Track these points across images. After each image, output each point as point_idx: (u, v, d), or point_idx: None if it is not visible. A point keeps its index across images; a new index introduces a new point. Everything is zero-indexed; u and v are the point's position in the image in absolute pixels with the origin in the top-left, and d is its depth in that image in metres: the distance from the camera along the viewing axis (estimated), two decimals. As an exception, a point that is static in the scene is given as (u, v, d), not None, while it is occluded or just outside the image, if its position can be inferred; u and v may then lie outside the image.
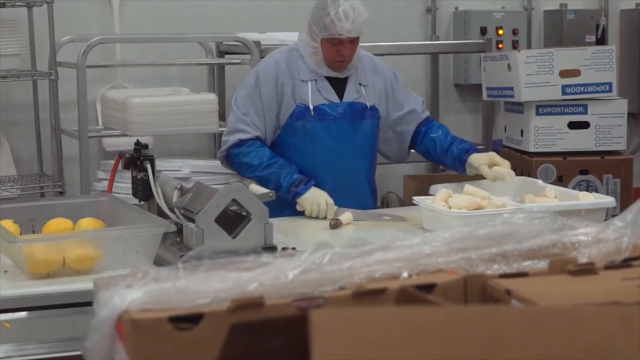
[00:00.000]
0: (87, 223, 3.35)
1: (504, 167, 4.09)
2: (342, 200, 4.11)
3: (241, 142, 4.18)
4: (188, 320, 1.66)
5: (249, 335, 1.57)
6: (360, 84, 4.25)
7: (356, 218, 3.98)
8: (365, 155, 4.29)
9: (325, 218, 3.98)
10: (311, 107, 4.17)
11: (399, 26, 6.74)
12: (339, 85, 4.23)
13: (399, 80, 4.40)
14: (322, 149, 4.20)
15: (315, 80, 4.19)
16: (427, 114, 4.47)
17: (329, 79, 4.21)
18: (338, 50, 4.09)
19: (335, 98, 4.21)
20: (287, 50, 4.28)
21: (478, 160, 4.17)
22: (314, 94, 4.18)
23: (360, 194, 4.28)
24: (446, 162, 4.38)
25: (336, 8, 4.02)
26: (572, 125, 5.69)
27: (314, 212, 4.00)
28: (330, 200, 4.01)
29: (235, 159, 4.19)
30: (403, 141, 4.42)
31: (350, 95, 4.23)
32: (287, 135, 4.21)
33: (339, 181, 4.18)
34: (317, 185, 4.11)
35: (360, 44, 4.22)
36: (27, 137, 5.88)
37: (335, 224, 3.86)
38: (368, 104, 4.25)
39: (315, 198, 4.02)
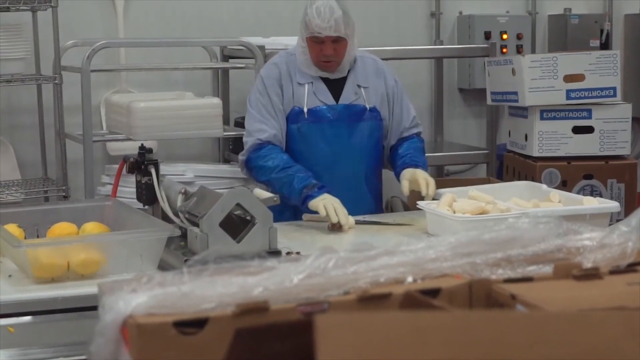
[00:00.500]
0: (91, 227, 3.36)
1: (422, 182, 4.03)
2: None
3: (260, 145, 4.16)
4: (193, 325, 1.66)
5: (253, 340, 1.57)
6: (359, 86, 4.25)
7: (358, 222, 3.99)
8: (364, 158, 4.26)
9: (338, 224, 3.89)
10: (305, 109, 4.18)
11: (403, 30, 6.74)
12: (336, 87, 4.23)
13: (399, 90, 4.36)
14: (317, 152, 4.20)
15: (312, 82, 4.20)
16: (415, 130, 4.38)
17: (326, 81, 4.21)
18: (321, 50, 4.11)
19: (330, 100, 4.21)
20: (285, 54, 4.31)
21: (404, 174, 4.12)
22: (310, 96, 4.19)
23: (359, 197, 4.23)
24: (397, 178, 4.28)
25: (312, 6, 4.08)
26: (577, 130, 5.68)
27: (330, 212, 3.87)
28: (343, 208, 3.94)
29: (254, 163, 4.17)
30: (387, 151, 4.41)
31: (347, 97, 4.23)
32: (285, 138, 4.22)
33: (335, 184, 4.15)
34: None
35: (364, 48, 4.21)
36: (31, 142, 5.88)
37: (334, 227, 3.85)
38: (368, 106, 4.24)
39: (328, 200, 3.94)
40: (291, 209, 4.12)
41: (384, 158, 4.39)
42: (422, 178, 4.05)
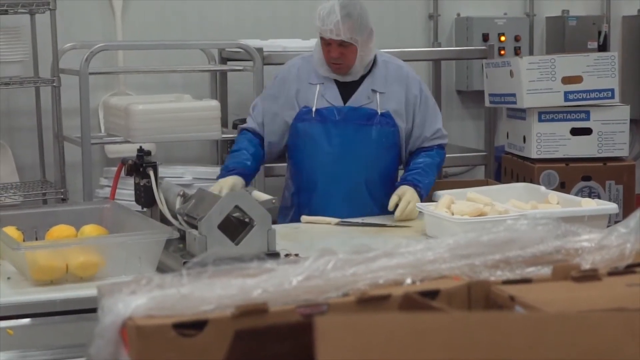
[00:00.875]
0: (90, 230, 3.36)
1: (402, 203, 4.03)
2: (338, 205, 4.12)
3: (241, 131, 4.36)
4: (192, 327, 1.66)
5: (253, 341, 1.57)
6: (374, 91, 4.20)
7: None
8: (367, 161, 4.22)
9: None
10: (313, 109, 4.18)
11: (401, 32, 6.74)
12: (350, 89, 4.21)
13: (424, 100, 4.28)
14: (321, 151, 4.19)
15: (323, 83, 4.19)
16: (438, 142, 4.31)
17: (339, 83, 4.20)
18: (328, 51, 4.10)
19: (339, 102, 4.19)
20: (307, 56, 4.31)
21: (398, 190, 4.11)
22: (319, 97, 4.19)
23: (358, 201, 4.20)
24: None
25: (319, 7, 4.09)
26: (575, 132, 5.69)
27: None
28: (226, 187, 3.94)
29: None
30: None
31: (357, 100, 4.19)
32: (293, 137, 4.24)
33: (335, 184, 4.16)
34: (314, 188, 4.19)
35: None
36: (29, 144, 5.88)
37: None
38: (379, 111, 4.20)
39: (217, 183, 4.00)
40: (295, 211, 4.16)
41: (402, 164, 4.35)
42: (406, 200, 4.04)
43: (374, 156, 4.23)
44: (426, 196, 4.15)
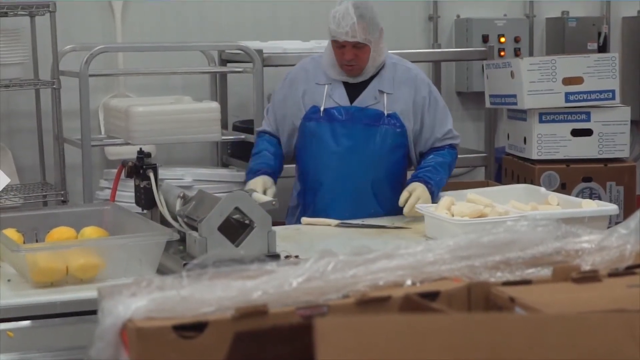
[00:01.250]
0: (90, 232, 3.36)
1: (412, 199, 4.02)
2: (343, 205, 4.11)
3: (259, 133, 4.43)
4: (192, 329, 1.66)
5: (253, 343, 1.57)
6: (381, 92, 4.21)
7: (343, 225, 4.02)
8: (372, 163, 4.22)
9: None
10: (321, 109, 4.19)
11: (401, 34, 6.74)
12: (357, 90, 4.21)
13: (433, 102, 4.27)
14: (327, 151, 4.20)
15: (331, 83, 4.20)
16: (449, 142, 4.31)
17: (347, 84, 4.21)
18: (342, 54, 4.10)
19: (346, 102, 4.20)
20: (317, 56, 4.35)
21: (409, 186, 4.10)
22: (327, 97, 4.20)
23: (362, 201, 4.21)
24: None
25: (332, 9, 4.08)
26: (575, 133, 5.69)
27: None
28: (257, 192, 3.85)
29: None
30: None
31: (364, 100, 4.20)
32: (301, 136, 4.26)
33: (340, 184, 4.17)
34: (319, 187, 4.21)
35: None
36: (29, 146, 5.88)
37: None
38: (386, 112, 4.21)
39: (248, 186, 4.04)
40: (301, 210, 4.21)
41: (413, 164, 4.34)
42: (415, 196, 4.03)
43: (380, 157, 4.23)
44: (437, 194, 4.14)
